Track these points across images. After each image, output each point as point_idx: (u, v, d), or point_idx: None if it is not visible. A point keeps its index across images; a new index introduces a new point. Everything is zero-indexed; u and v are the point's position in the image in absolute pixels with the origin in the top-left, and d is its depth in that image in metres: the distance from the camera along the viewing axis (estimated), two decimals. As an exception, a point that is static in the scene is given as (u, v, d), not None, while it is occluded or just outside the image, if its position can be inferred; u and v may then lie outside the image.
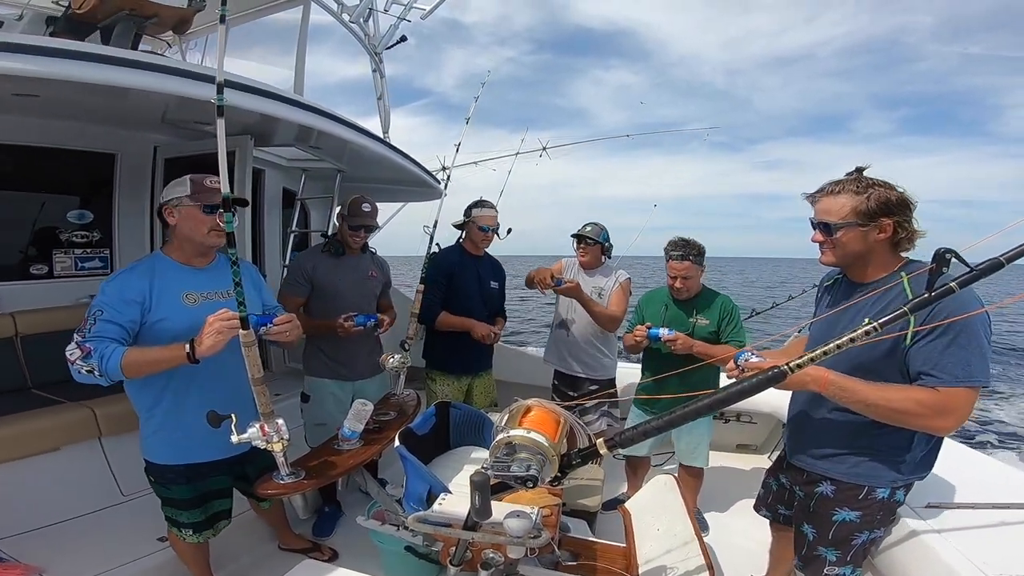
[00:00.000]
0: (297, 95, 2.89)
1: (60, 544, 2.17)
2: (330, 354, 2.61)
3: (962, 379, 1.31)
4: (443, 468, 1.95)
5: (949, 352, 1.32)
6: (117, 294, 1.67)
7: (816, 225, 1.57)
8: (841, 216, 1.49)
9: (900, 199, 1.46)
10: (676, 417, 1.14)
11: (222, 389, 1.78)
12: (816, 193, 1.57)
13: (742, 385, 1.11)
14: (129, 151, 3.27)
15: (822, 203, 1.54)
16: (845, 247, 1.52)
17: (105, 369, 1.52)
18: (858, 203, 1.46)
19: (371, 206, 2.61)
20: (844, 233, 1.49)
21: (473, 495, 1.11)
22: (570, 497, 2.54)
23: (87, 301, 3.10)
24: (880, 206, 1.45)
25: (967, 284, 0.98)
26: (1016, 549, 1.72)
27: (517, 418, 1.25)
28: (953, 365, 1.31)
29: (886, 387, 1.35)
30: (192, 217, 1.75)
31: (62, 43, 1.79)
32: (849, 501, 1.56)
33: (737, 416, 3.76)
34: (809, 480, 1.68)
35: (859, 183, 1.48)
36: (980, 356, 1.32)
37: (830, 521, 1.59)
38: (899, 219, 1.45)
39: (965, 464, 2.38)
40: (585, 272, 3.06)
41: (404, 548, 1.80)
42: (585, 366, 3.04)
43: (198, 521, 1.93)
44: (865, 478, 1.54)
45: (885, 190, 1.46)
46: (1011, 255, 0.94)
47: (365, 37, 4.10)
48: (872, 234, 1.47)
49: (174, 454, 1.84)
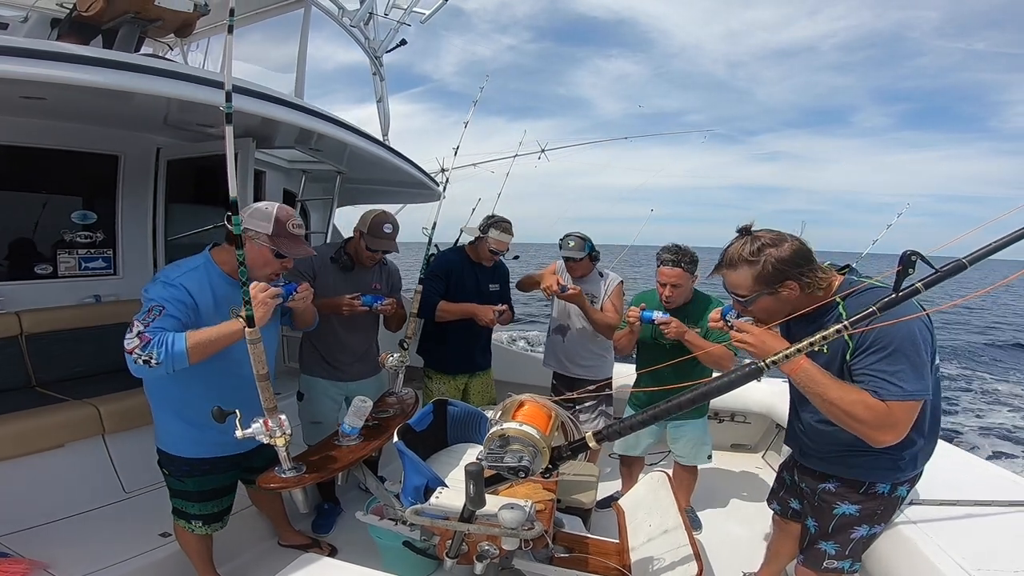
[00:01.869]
0: (298, 98, 2.95)
1: (64, 539, 2.20)
2: (324, 353, 2.63)
3: (902, 395, 1.33)
4: (440, 464, 2.00)
5: (886, 366, 1.34)
6: (177, 296, 1.72)
7: (732, 299, 1.60)
8: (748, 288, 1.50)
9: (793, 251, 1.45)
10: (660, 411, 1.19)
11: (232, 384, 1.83)
12: (718, 267, 1.60)
13: (721, 381, 1.16)
14: (132, 153, 3.31)
15: (727, 277, 1.56)
16: (766, 311, 1.53)
17: (172, 352, 1.56)
18: (756, 272, 1.47)
19: (393, 227, 2.55)
20: (758, 303, 1.51)
21: (468, 484, 1.16)
22: (565, 493, 2.59)
23: (91, 301, 3.18)
24: (777, 271, 1.44)
25: (932, 285, 1.03)
26: (994, 545, 1.77)
27: (511, 412, 1.30)
28: (896, 380, 1.33)
29: (847, 387, 1.37)
30: (262, 256, 1.80)
31: (71, 48, 1.84)
32: (850, 495, 1.61)
33: (731, 416, 3.81)
34: (816, 477, 1.72)
35: (752, 249, 1.47)
36: (914, 370, 1.33)
37: (831, 514, 1.63)
38: (800, 275, 1.45)
39: (949, 461, 2.43)
40: (575, 279, 3.10)
41: (402, 543, 1.84)
42: (583, 368, 3.11)
43: (209, 513, 1.99)
44: (867, 474, 1.58)
45: (776, 249, 1.45)
46: (973, 257, 0.99)
47: (365, 41, 4.15)
48: (781, 295, 1.48)
49: (189, 447, 1.89)
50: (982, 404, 9.85)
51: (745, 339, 1.47)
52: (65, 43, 2.42)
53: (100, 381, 2.77)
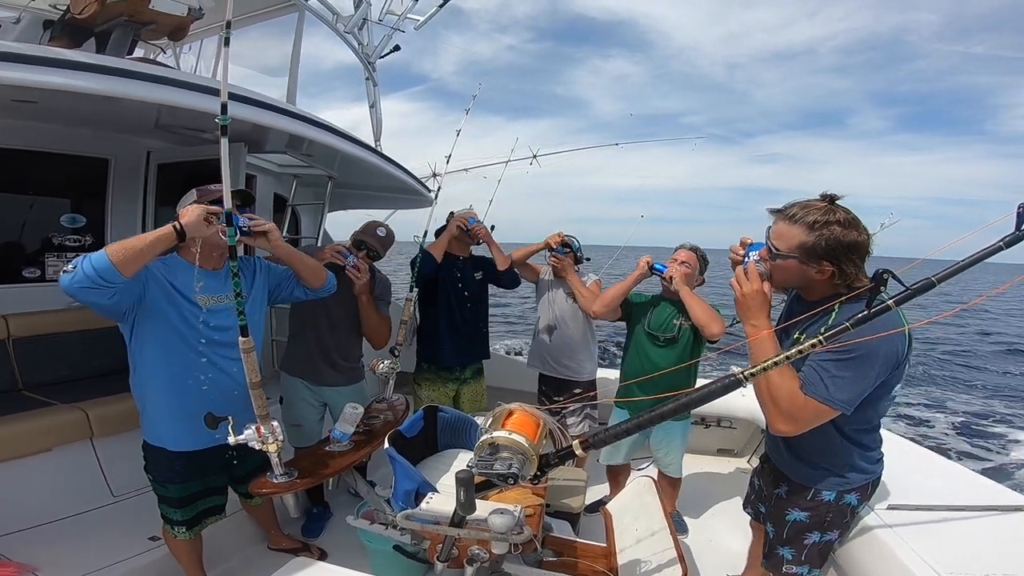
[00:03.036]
0: (290, 104, 2.97)
1: (52, 543, 2.20)
2: (300, 353, 2.65)
3: (824, 397, 1.34)
4: (431, 469, 2.02)
5: (833, 367, 1.35)
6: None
7: (767, 242, 1.55)
8: (788, 246, 1.45)
9: (854, 244, 1.40)
10: (645, 420, 1.23)
11: (230, 384, 1.88)
12: (780, 210, 1.52)
13: (703, 391, 1.20)
14: (122, 156, 3.30)
15: (779, 226, 1.50)
16: (783, 273, 1.50)
17: (90, 256, 1.55)
18: (807, 240, 1.42)
19: (386, 232, 2.64)
20: (787, 263, 1.47)
21: (459, 490, 1.19)
22: (554, 498, 2.62)
23: (78, 305, 3.15)
24: (827, 250, 1.40)
25: (903, 302, 1.08)
26: (968, 549, 1.81)
27: (500, 421, 1.33)
28: (830, 383, 1.34)
29: (786, 373, 1.37)
30: (193, 212, 1.82)
31: (65, 53, 1.85)
32: (799, 502, 1.64)
33: (717, 421, 3.87)
34: (773, 482, 1.77)
35: (821, 220, 1.41)
36: (852, 384, 1.34)
37: (784, 520, 1.67)
38: (841, 266, 1.42)
39: (925, 466, 2.50)
40: (556, 280, 3.21)
41: (392, 547, 1.87)
42: (568, 368, 3.16)
43: (190, 518, 2.00)
44: (811, 480, 1.61)
45: (843, 231, 1.39)
46: (942, 275, 1.04)
47: (359, 46, 4.17)
48: (810, 272, 1.45)
49: (172, 439, 1.90)
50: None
51: (739, 285, 1.49)
52: (57, 46, 2.43)
53: (88, 385, 2.76)
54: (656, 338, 2.67)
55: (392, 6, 4.22)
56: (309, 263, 2.10)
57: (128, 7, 2.50)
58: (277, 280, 2.13)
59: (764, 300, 1.48)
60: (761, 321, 1.46)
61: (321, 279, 2.15)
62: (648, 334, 2.70)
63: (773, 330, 1.49)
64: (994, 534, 1.91)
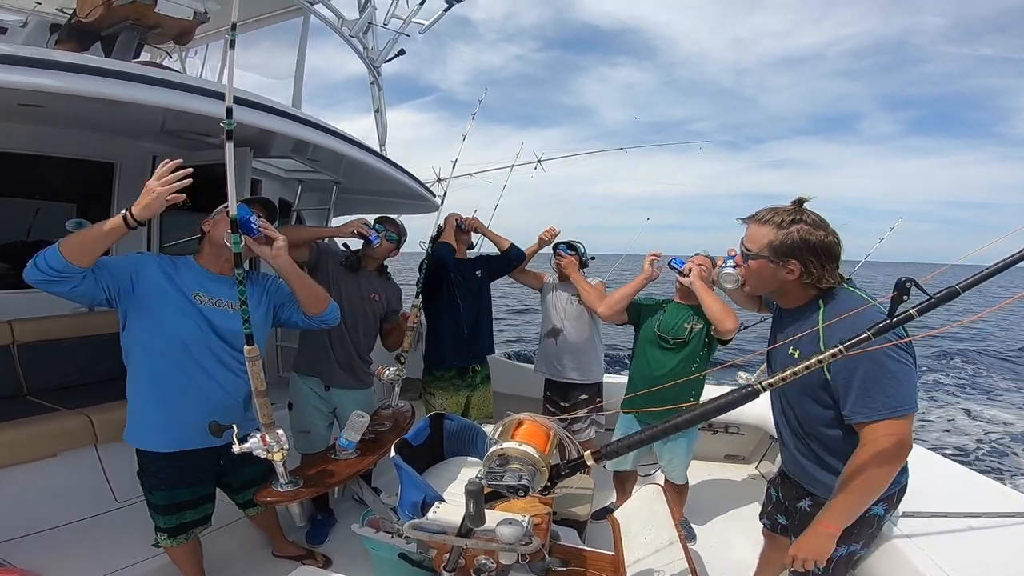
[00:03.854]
0: (296, 108, 2.96)
1: (56, 549, 2.19)
2: (312, 353, 2.64)
3: (880, 412, 1.35)
4: (437, 478, 2.00)
5: (855, 388, 1.37)
6: (116, 261, 1.77)
7: (741, 247, 1.63)
8: (758, 246, 1.52)
9: (821, 243, 1.46)
10: (659, 431, 1.21)
11: (216, 390, 1.85)
12: (750, 217, 1.60)
13: (719, 402, 1.18)
14: (128, 160, 3.30)
15: (750, 228, 1.58)
16: (756, 277, 1.57)
17: (43, 253, 1.55)
18: (775, 238, 1.48)
19: (398, 232, 2.71)
20: (757, 264, 1.54)
21: (468, 503, 1.17)
22: (561, 506, 2.59)
23: (83, 311, 3.15)
24: (793, 246, 1.46)
25: (926, 311, 1.06)
26: (985, 558, 1.79)
27: (510, 431, 1.31)
28: (866, 402, 1.35)
29: (852, 484, 1.40)
30: (223, 222, 1.83)
31: (73, 57, 1.84)
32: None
33: (725, 427, 3.83)
34: (795, 496, 1.74)
35: (788, 219, 1.48)
36: (895, 385, 1.34)
37: None
38: (808, 262, 1.46)
39: (942, 474, 2.46)
40: (561, 283, 3.22)
41: (397, 555, 1.84)
42: (575, 372, 3.14)
43: (170, 527, 1.98)
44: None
45: (809, 229, 1.46)
46: (966, 284, 1.01)
47: (364, 51, 4.17)
48: (781, 272, 1.50)
49: (157, 440, 1.88)
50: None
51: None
52: (64, 50, 2.43)
53: (92, 390, 2.74)
54: (666, 340, 2.64)
55: (397, 10, 4.22)
56: (309, 285, 2.02)
57: (134, 11, 2.50)
58: (281, 300, 2.08)
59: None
60: (825, 532, 1.50)
61: (320, 305, 2.05)
62: (658, 336, 2.68)
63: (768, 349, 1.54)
64: (1013, 542, 1.87)
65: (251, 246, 1.82)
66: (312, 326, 2.11)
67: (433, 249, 2.94)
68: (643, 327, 2.77)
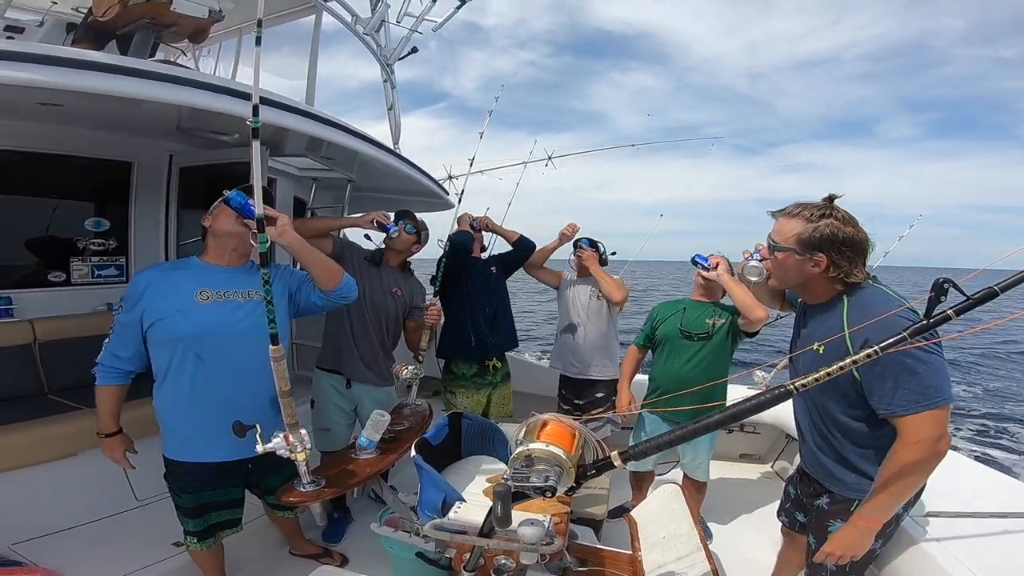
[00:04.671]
0: (309, 106, 2.96)
1: (77, 548, 2.21)
2: (335, 347, 2.65)
3: (920, 404, 1.34)
4: (455, 477, 2.00)
5: (889, 383, 1.36)
6: (130, 289, 1.81)
7: (768, 240, 1.63)
8: (785, 239, 1.53)
9: (848, 238, 1.46)
10: (689, 431, 1.19)
11: (240, 390, 1.85)
12: (779, 211, 1.60)
13: (751, 403, 1.16)
14: (145, 159, 3.32)
15: (779, 222, 1.58)
16: (782, 269, 1.57)
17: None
18: (803, 231, 1.49)
19: (417, 228, 2.73)
20: (784, 256, 1.54)
21: (496, 504, 1.17)
22: (578, 505, 2.59)
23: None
24: (821, 240, 1.46)
25: (963, 312, 1.04)
26: (1015, 558, 1.76)
27: (535, 432, 1.30)
28: (903, 395, 1.34)
29: (893, 477, 1.38)
30: (223, 213, 1.84)
31: (91, 55, 1.83)
32: (842, 513, 1.60)
33: (741, 427, 3.81)
34: (813, 493, 1.73)
35: (818, 213, 1.49)
36: (930, 376, 1.33)
37: (827, 532, 1.63)
38: (835, 258, 1.47)
39: (965, 474, 2.43)
40: (581, 279, 3.24)
41: (415, 554, 1.85)
42: (592, 367, 3.14)
43: (198, 530, 1.99)
44: (855, 491, 1.57)
45: (838, 225, 1.46)
46: (1006, 284, 0.99)
47: (377, 48, 4.16)
48: (807, 265, 1.50)
49: (184, 451, 1.89)
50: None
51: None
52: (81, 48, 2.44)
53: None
54: (689, 336, 2.65)
55: (410, 7, 4.20)
56: (320, 259, 1.97)
57: (150, 9, 2.50)
58: (297, 284, 2.04)
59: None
60: (868, 518, 1.49)
61: (334, 279, 1.99)
62: (681, 332, 2.68)
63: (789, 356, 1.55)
64: None
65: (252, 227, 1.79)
66: (332, 303, 2.06)
67: (452, 237, 2.98)
68: (662, 329, 2.76)
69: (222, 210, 1.84)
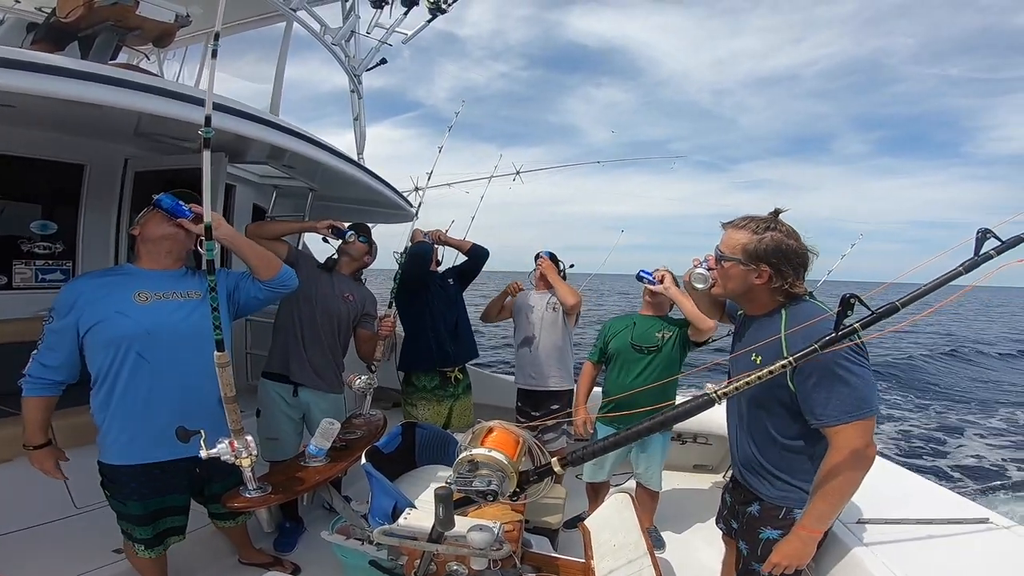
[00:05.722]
0: (273, 115, 2.95)
1: (15, 554, 2.13)
2: (283, 350, 2.64)
3: (850, 415, 1.40)
4: (409, 485, 2.01)
5: (823, 395, 1.42)
6: (62, 297, 1.79)
7: (716, 250, 1.69)
8: (732, 249, 1.59)
9: (792, 249, 1.53)
10: (621, 437, 1.25)
11: (186, 391, 1.83)
12: (728, 223, 1.66)
13: (679, 410, 1.23)
14: (98, 162, 3.23)
15: (727, 233, 1.64)
16: (727, 279, 1.64)
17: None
18: (749, 242, 1.55)
19: (370, 234, 2.81)
20: (730, 266, 1.61)
21: (437, 507, 1.19)
22: (533, 515, 2.61)
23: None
24: (766, 251, 1.52)
25: (868, 325, 1.13)
26: (938, 562, 1.86)
27: (480, 438, 1.33)
28: (835, 406, 1.41)
29: (829, 487, 1.44)
30: (155, 218, 1.86)
31: (46, 58, 1.80)
32: (772, 520, 1.66)
33: (694, 438, 3.90)
34: (744, 500, 1.79)
35: (763, 225, 1.56)
36: (859, 388, 1.39)
37: (758, 538, 1.69)
38: (779, 268, 1.53)
39: (894, 480, 2.56)
40: (536, 292, 3.34)
41: (368, 562, 1.84)
42: (549, 378, 3.21)
43: (148, 538, 1.94)
44: (783, 499, 1.64)
45: (782, 238, 1.53)
46: (905, 300, 1.09)
47: (346, 59, 4.18)
48: (751, 275, 1.57)
49: (128, 454, 1.85)
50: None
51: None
52: (39, 50, 2.38)
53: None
54: (640, 349, 2.75)
55: (381, 19, 4.24)
56: (257, 250, 2.00)
57: (115, 12, 2.47)
58: (235, 282, 2.05)
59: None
60: (807, 535, 1.53)
61: (272, 267, 2.02)
62: (632, 346, 2.77)
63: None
64: (961, 547, 1.95)
65: (190, 228, 1.83)
66: (273, 293, 2.08)
67: (411, 248, 3.03)
68: (614, 343, 2.86)
69: (153, 215, 1.85)
